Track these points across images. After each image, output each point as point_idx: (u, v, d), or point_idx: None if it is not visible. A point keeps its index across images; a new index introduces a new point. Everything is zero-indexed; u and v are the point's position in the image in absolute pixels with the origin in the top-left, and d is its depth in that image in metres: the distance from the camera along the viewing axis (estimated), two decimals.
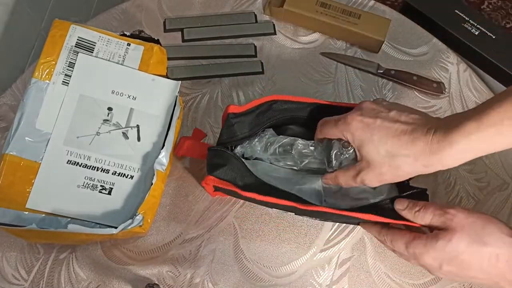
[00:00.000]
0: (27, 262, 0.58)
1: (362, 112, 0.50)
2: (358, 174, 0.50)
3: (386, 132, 0.47)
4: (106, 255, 0.59)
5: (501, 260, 0.45)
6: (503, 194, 0.64)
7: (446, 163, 0.45)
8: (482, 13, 1.49)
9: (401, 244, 0.49)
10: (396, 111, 0.48)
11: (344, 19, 0.70)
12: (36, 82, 0.54)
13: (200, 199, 0.62)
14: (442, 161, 0.45)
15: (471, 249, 0.45)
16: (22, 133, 0.53)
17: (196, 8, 0.74)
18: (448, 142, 0.44)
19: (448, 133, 0.44)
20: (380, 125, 0.48)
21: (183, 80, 0.67)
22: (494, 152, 0.44)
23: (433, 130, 0.45)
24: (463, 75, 0.71)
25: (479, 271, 0.46)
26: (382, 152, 0.47)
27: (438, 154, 0.44)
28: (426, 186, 0.54)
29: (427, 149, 0.45)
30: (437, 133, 0.45)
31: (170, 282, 0.58)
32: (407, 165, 0.47)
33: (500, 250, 0.45)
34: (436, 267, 0.47)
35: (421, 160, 0.45)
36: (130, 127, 0.56)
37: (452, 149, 0.44)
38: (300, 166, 0.56)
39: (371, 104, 0.50)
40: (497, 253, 0.45)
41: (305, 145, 0.55)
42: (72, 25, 0.56)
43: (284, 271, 0.59)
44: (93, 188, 0.54)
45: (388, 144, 0.47)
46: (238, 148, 0.56)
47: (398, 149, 0.46)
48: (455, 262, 0.46)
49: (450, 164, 0.45)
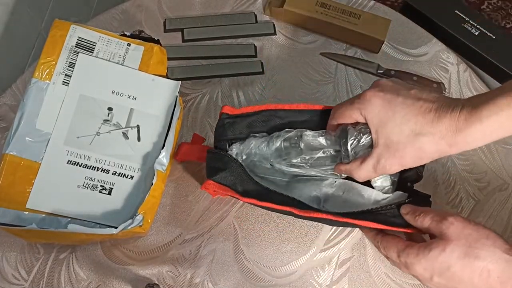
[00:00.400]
0: (27, 262, 0.58)
1: (381, 88, 0.46)
2: (379, 161, 0.46)
3: (410, 109, 0.44)
4: (106, 255, 0.59)
5: (492, 276, 0.43)
6: (503, 194, 0.64)
7: (472, 141, 0.43)
8: (482, 14, 1.49)
9: (393, 252, 0.48)
10: (417, 89, 0.46)
11: (344, 19, 0.70)
12: (36, 82, 0.54)
13: (200, 199, 0.62)
14: (468, 138, 0.43)
15: (463, 262, 0.44)
16: (22, 133, 0.53)
17: (196, 8, 0.74)
18: (477, 118, 0.42)
19: (477, 109, 0.42)
20: (403, 102, 0.45)
21: (183, 80, 0.67)
22: (494, 152, 0.44)
23: (460, 107, 0.43)
24: (463, 75, 0.71)
25: (470, 285, 0.44)
26: (405, 131, 0.44)
27: (465, 131, 0.42)
28: (426, 186, 0.54)
29: (453, 126, 0.43)
30: (464, 110, 0.43)
31: (170, 282, 0.58)
32: (432, 145, 0.44)
33: (492, 265, 0.43)
34: (427, 278, 0.46)
35: (447, 138, 0.43)
36: (130, 127, 0.56)
37: (481, 125, 0.42)
38: (308, 163, 0.52)
39: (389, 81, 0.47)
40: (489, 268, 0.43)
41: (314, 135, 0.51)
42: (73, 25, 0.56)
43: (284, 271, 0.59)
44: (93, 188, 0.54)
45: (412, 121, 0.44)
46: (235, 146, 0.54)
47: (423, 127, 0.44)
48: (446, 274, 0.44)
49: (475, 142, 0.43)
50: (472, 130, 0.42)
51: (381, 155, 0.46)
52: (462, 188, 0.64)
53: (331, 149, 0.52)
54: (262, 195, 0.51)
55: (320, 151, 0.52)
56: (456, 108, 0.43)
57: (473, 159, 0.66)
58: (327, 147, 0.51)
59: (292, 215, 0.53)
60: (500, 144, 0.66)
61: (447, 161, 0.65)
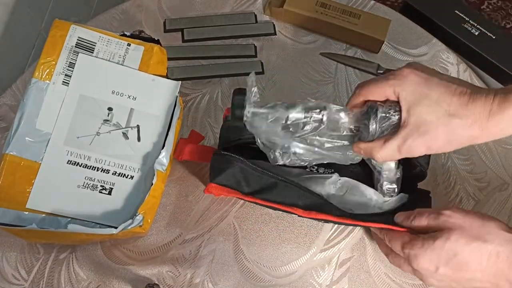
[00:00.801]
0: (27, 262, 0.58)
1: (416, 67, 0.46)
2: (405, 141, 0.45)
3: (446, 89, 0.44)
4: (106, 255, 0.59)
5: (501, 257, 0.43)
6: (503, 194, 0.64)
7: (504, 127, 0.43)
8: (482, 14, 1.49)
9: (398, 244, 0.48)
10: (448, 75, 0.46)
11: (344, 19, 0.70)
12: (36, 82, 0.54)
13: (200, 199, 0.62)
14: (501, 124, 0.43)
15: (470, 247, 0.44)
16: (22, 133, 0.53)
17: (196, 8, 0.74)
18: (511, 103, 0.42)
19: (510, 96, 0.42)
20: (439, 82, 0.44)
21: (183, 80, 0.67)
22: (494, 152, 0.44)
23: (493, 94, 0.43)
24: (463, 75, 0.71)
25: (477, 270, 0.44)
26: (439, 111, 0.43)
27: (498, 115, 0.43)
28: (426, 186, 0.54)
29: (487, 110, 0.43)
30: (498, 96, 0.43)
31: (170, 282, 0.58)
32: (464, 128, 0.43)
33: (500, 247, 0.43)
34: (432, 270, 0.45)
35: (480, 122, 0.43)
36: (130, 127, 0.56)
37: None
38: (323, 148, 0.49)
39: (422, 65, 0.47)
40: (497, 250, 0.43)
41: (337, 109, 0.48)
42: (73, 25, 0.56)
43: (284, 271, 0.59)
44: (93, 188, 0.54)
45: (446, 102, 0.43)
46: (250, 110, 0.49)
47: (458, 108, 0.43)
48: (453, 262, 0.44)
49: (507, 129, 0.43)
50: (505, 116, 0.43)
51: (409, 134, 0.44)
52: (462, 188, 0.64)
53: (352, 126, 0.49)
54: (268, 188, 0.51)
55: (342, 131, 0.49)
56: (490, 94, 0.43)
57: (473, 159, 0.66)
58: (347, 124, 0.49)
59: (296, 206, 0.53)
60: (500, 144, 0.66)
61: (447, 161, 0.65)
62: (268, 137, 0.50)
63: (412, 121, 0.44)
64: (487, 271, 0.44)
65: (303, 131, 0.49)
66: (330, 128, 0.49)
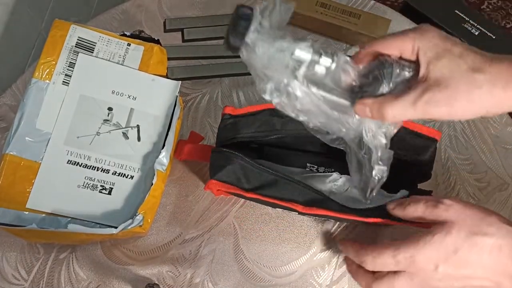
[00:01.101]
0: (27, 262, 0.58)
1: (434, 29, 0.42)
2: (422, 95, 0.40)
3: (467, 48, 0.41)
4: (106, 255, 0.59)
5: (504, 251, 0.41)
6: (503, 194, 0.64)
7: None
8: (482, 13, 1.49)
9: (388, 255, 0.43)
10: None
11: (344, 19, 0.70)
12: (36, 82, 0.54)
13: (200, 199, 0.62)
14: None
15: (470, 241, 0.41)
16: (22, 133, 0.53)
17: (196, 8, 0.74)
18: None
19: None
20: (458, 42, 0.41)
21: (183, 80, 0.67)
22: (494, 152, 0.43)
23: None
24: None
25: (478, 267, 0.42)
26: (462, 66, 0.40)
27: None
28: (426, 186, 0.54)
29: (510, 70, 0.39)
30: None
31: (170, 282, 0.58)
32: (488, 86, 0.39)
33: (502, 240, 0.41)
34: (431, 270, 0.42)
35: (504, 82, 0.39)
36: (130, 127, 0.56)
37: None
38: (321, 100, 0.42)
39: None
40: (499, 243, 0.41)
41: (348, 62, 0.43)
42: (73, 25, 0.56)
43: (284, 271, 0.59)
44: (93, 188, 0.54)
45: (470, 57, 0.40)
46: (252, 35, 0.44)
47: (482, 64, 0.40)
48: (453, 259, 0.42)
49: None
50: None
51: (428, 89, 0.40)
52: (462, 188, 0.64)
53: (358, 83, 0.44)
54: (268, 185, 0.51)
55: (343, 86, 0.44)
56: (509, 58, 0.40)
57: (473, 159, 0.66)
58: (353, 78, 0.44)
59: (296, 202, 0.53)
60: (500, 144, 0.66)
61: (447, 161, 0.65)
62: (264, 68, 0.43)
63: (432, 76, 0.40)
64: (489, 267, 0.42)
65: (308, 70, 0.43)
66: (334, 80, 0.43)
